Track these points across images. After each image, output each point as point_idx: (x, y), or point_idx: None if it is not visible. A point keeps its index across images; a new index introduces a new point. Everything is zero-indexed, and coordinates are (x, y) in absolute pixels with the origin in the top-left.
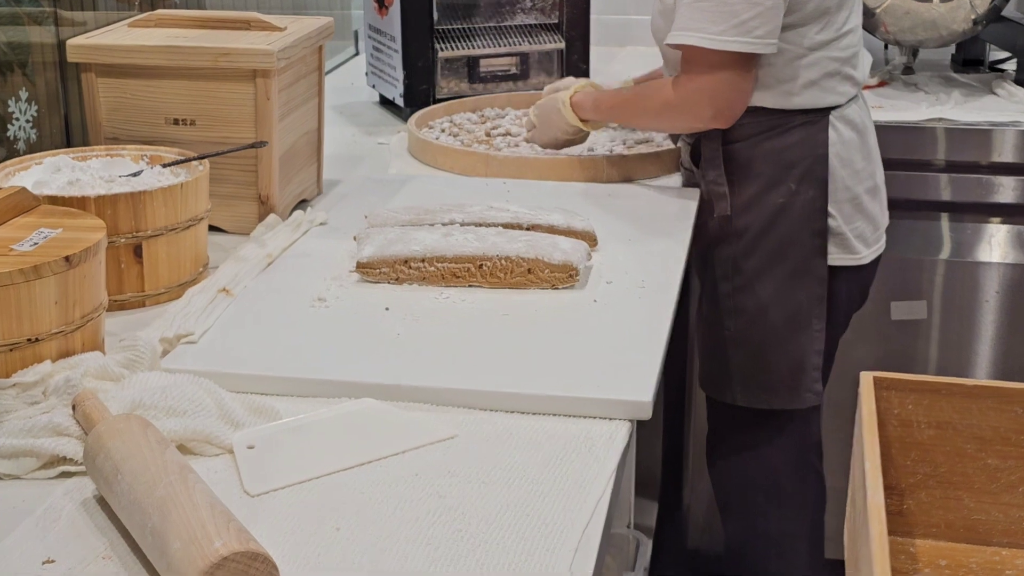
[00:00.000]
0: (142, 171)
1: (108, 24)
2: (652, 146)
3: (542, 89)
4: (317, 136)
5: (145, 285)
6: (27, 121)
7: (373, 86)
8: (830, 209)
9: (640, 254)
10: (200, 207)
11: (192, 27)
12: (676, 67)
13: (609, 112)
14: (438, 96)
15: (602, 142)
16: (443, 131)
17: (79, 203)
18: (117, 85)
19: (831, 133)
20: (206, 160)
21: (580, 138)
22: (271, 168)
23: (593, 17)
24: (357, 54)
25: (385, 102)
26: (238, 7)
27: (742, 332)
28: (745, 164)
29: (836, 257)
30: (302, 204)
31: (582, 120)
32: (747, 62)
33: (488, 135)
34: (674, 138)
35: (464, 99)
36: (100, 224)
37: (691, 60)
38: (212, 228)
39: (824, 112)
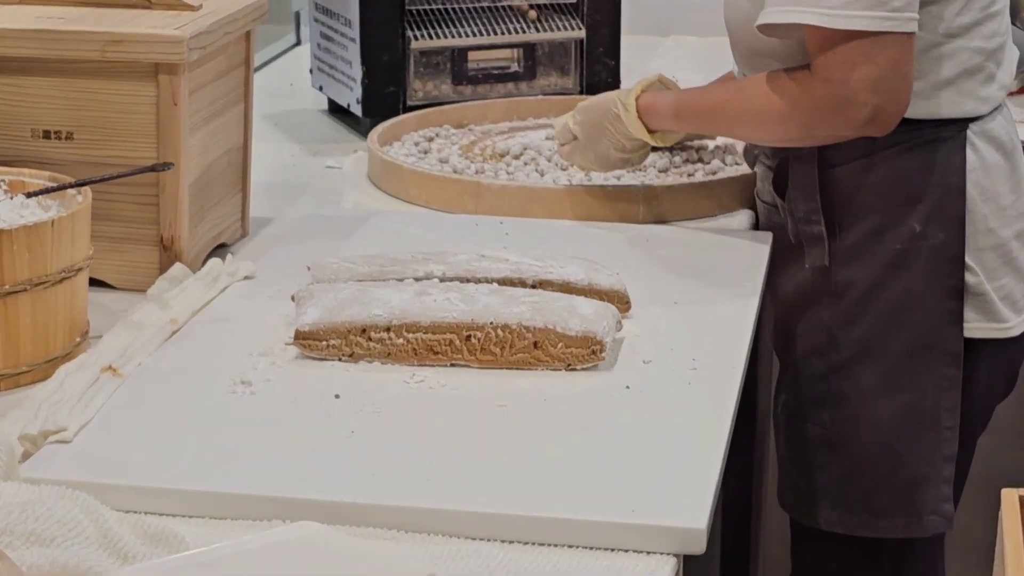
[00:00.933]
0: None
1: None
2: (706, 171)
3: (552, 94)
4: (242, 156)
5: (1, 360)
6: None
7: (320, 88)
8: (968, 260)
9: (691, 322)
10: (78, 254)
11: (72, 4)
12: (765, 62)
13: (697, 119)
14: (410, 103)
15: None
16: (418, 150)
17: None
18: None
19: (969, 154)
20: (87, 188)
21: (640, 157)
22: (177, 200)
23: None
24: (299, 44)
25: (337, 110)
26: None
27: (840, 430)
28: (850, 196)
29: (975, 326)
30: (220, 250)
31: (650, 131)
32: (904, 43)
33: (494, 156)
34: (749, 159)
35: (445, 107)
36: None
37: (821, 45)
38: (95, 282)
39: (960, 125)
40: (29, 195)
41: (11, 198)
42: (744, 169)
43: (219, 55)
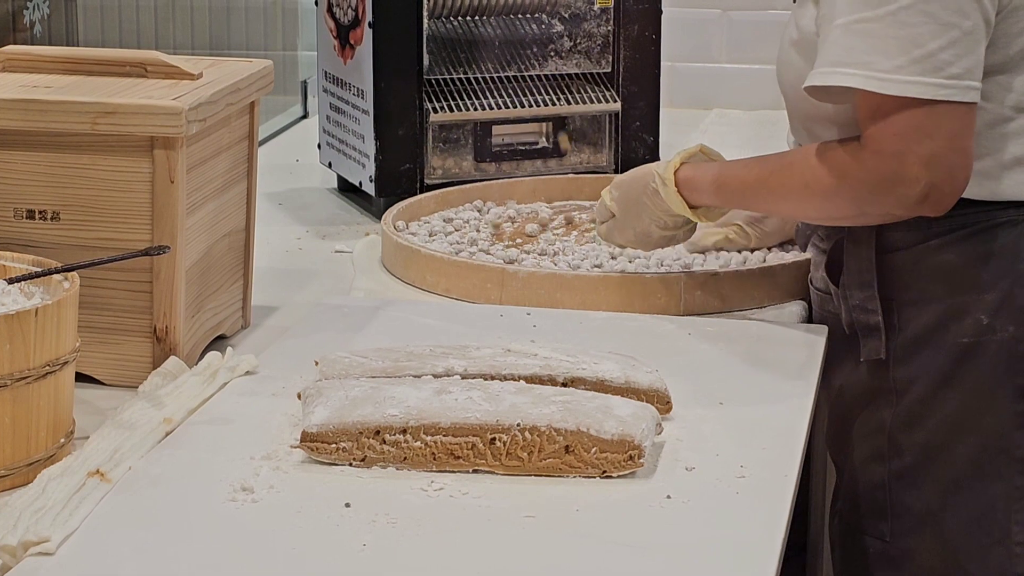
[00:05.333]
0: None
1: None
2: (755, 259)
3: (584, 173)
4: (245, 240)
5: None
6: None
7: (329, 164)
8: None
9: (738, 424)
10: (63, 346)
11: (60, 71)
12: (821, 129)
13: (741, 193)
14: (428, 181)
15: (677, 247)
16: (440, 233)
17: None
18: None
19: None
20: (75, 274)
21: (685, 234)
22: (173, 288)
23: (665, 65)
24: (306, 116)
25: (348, 189)
26: (129, 41)
27: (902, 544)
28: (910, 283)
29: None
30: (219, 343)
31: (692, 206)
32: (964, 115)
33: (522, 237)
34: (801, 241)
35: (466, 186)
36: None
37: (875, 112)
38: (81, 377)
39: None
40: (11, 281)
41: None
42: (798, 255)
43: (220, 128)
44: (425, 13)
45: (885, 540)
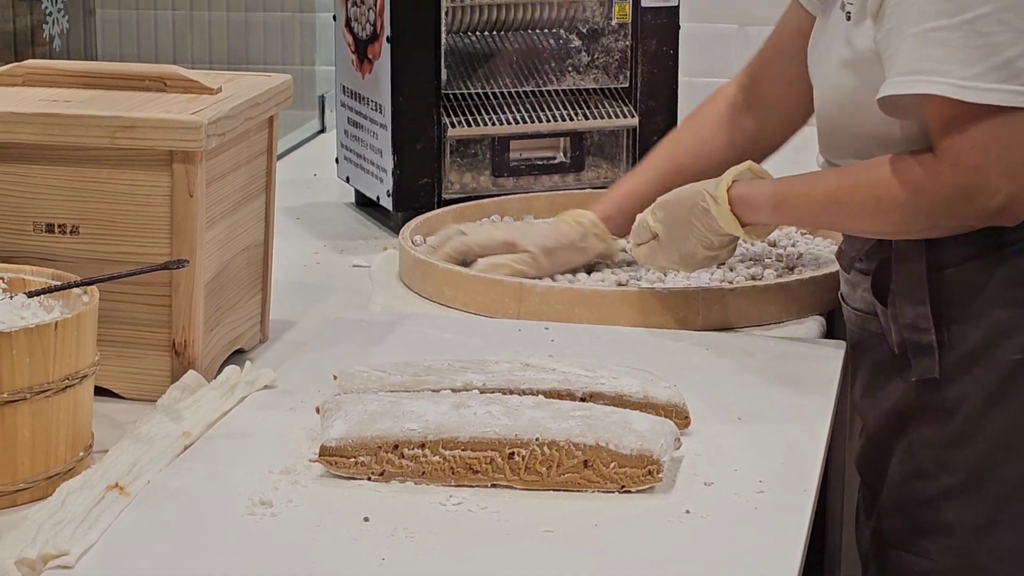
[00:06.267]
0: None
1: None
2: (768, 274)
3: (601, 188)
4: (263, 254)
5: None
6: None
7: (347, 179)
8: None
9: (757, 440)
10: (83, 360)
11: (79, 86)
12: (870, 147)
13: (805, 211)
14: (445, 196)
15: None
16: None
17: None
18: None
19: None
20: (94, 288)
21: (728, 253)
22: (192, 301)
23: (683, 80)
24: (323, 131)
25: (365, 203)
26: (147, 56)
27: (949, 563)
28: (963, 300)
29: None
30: (237, 356)
31: (744, 224)
32: None
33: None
34: (844, 262)
35: (484, 200)
36: None
37: (952, 122)
38: (100, 391)
39: None
40: (30, 294)
41: (11, 297)
42: (814, 272)
43: (240, 142)
44: (443, 28)
45: (931, 559)
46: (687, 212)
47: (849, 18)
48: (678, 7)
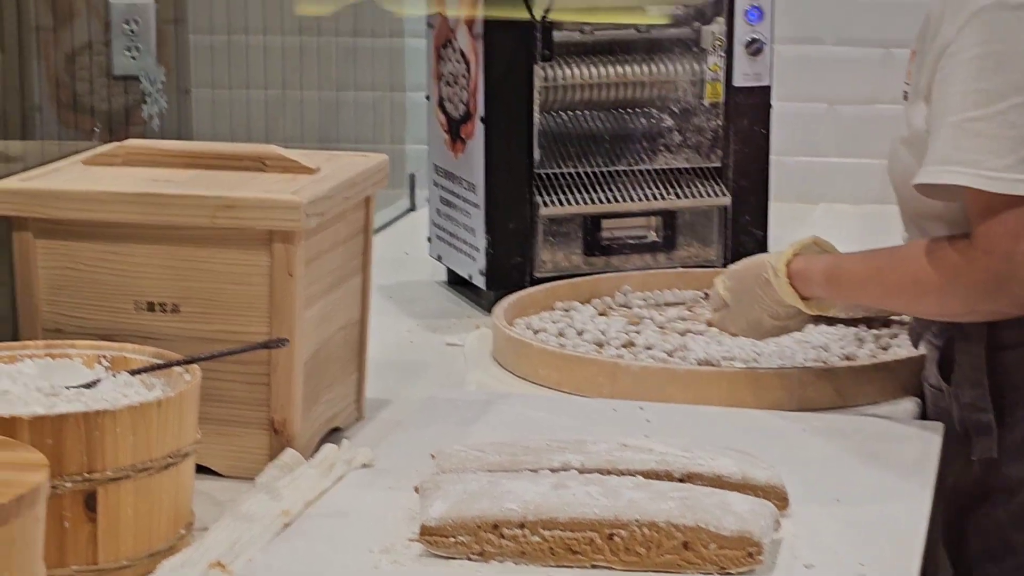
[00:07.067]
0: (99, 380)
1: (53, 160)
2: (863, 353)
3: (693, 267)
4: (359, 332)
5: (100, 554)
6: None
7: (439, 258)
8: None
9: (856, 522)
10: (184, 437)
11: (179, 166)
12: (930, 226)
13: (851, 287)
14: (538, 274)
15: (787, 343)
16: (554, 326)
17: (6, 426)
18: (65, 251)
19: None
20: (195, 367)
21: (797, 324)
22: (291, 380)
23: (774, 159)
24: (413, 209)
25: (457, 282)
26: (240, 134)
27: None
28: (1021, 381)
29: None
30: (335, 435)
31: (803, 298)
32: None
33: (631, 323)
34: (914, 337)
35: (576, 279)
36: (39, 459)
37: (985, 210)
38: (199, 468)
39: None
40: (133, 372)
41: (113, 376)
42: (911, 351)
43: (337, 222)
44: (536, 107)
45: None
46: (752, 282)
47: (906, 97)
48: (770, 87)
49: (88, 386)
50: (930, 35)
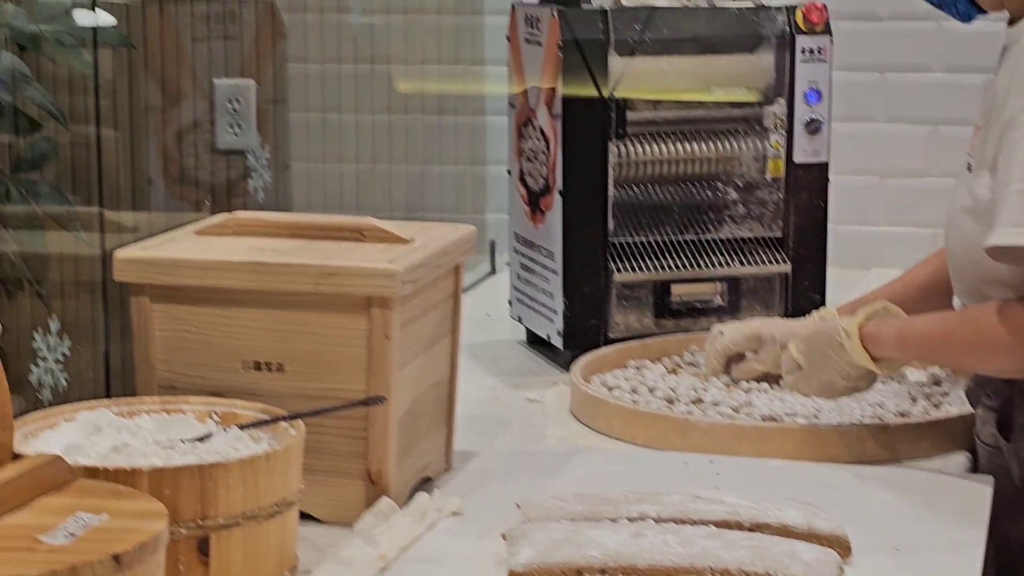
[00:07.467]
0: (211, 434)
1: (167, 229)
2: (917, 410)
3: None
4: (448, 390)
5: None
6: (56, 361)
7: (519, 318)
8: None
9: (914, 570)
10: (290, 487)
11: (284, 235)
12: (991, 292)
13: (924, 348)
14: (611, 335)
15: (845, 400)
16: (627, 383)
17: (127, 478)
18: (179, 314)
19: None
20: (300, 422)
21: (866, 384)
22: (387, 434)
23: (830, 228)
24: (493, 273)
25: (536, 341)
26: (334, 203)
27: None
28: None
29: None
30: (426, 484)
31: (875, 359)
32: None
33: (699, 381)
34: (972, 399)
35: (647, 340)
36: (159, 509)
37: None
38: (302, 516)
39: None
40: (243, 427)
41: (224, 430)
42: (962, 409)
43: (429, 288)
44: (610, 181)
45: None
46: (825, 345)
47: (970, 169)
48: (827, 163)
49: (201, 440)
50: (996, 111)
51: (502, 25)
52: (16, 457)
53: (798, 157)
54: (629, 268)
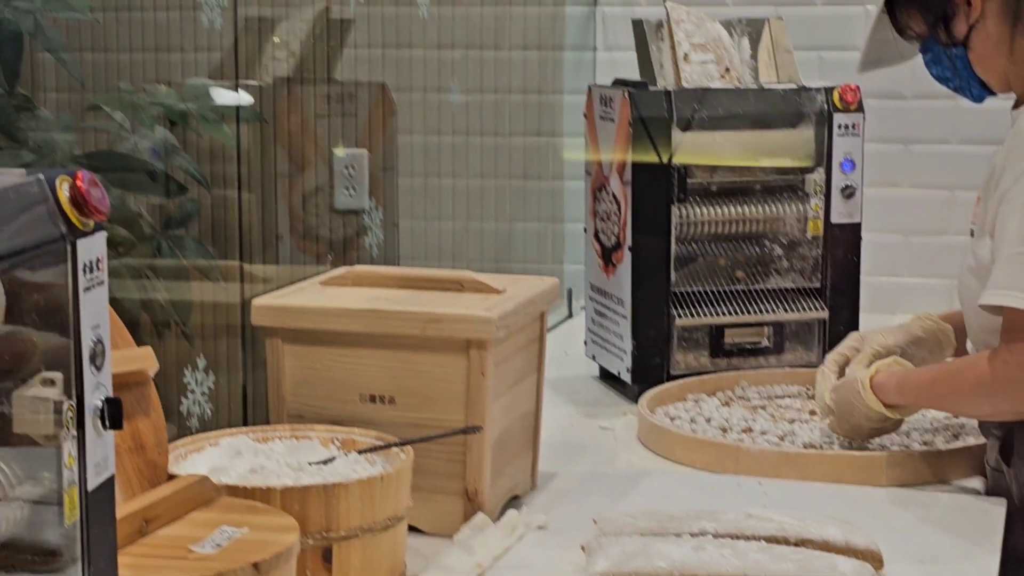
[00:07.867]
0: (334, 458)
1: (295, 280)
2: (939, 441)
3: (797, 367)
4: (534, 419)
5: None
6: (202, 394)
7: (593, 357)
8: None
9: None
10: (400, 504)
11: (395, 286)
12: (992, 339)
13: (916, 395)
14: (673, 372)
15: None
16: (686, 414)
17: (263, 495)
18: (306, 354)
19: None
20: (409, 448)
21: (892, 425)
22: (482, 458)
23: (862, 279)
24: (570, 316)
25: (608, 377)
26: (432, 256)
27: None
28: None
29: None
30: (514, 502)
31: (887, 405)
32: None
33: (749, 412)
34: (984, 430)
35: (704, 376)
36: (291, 523)
37: (1013, 327)
38: (409, 528)
39: None
40: (360, 452)
41: (345, 454)
42: (976, 440)
43: (519, 332)
44: (673, 239)
45: None
46: (849, 394)
47: (972, 234)
48: (860, 223)
49: (325, 463)
50: (993, 184)
51: (579, 103)
52: (170, 477)
53: (835, 218)
54: (689, 314)
